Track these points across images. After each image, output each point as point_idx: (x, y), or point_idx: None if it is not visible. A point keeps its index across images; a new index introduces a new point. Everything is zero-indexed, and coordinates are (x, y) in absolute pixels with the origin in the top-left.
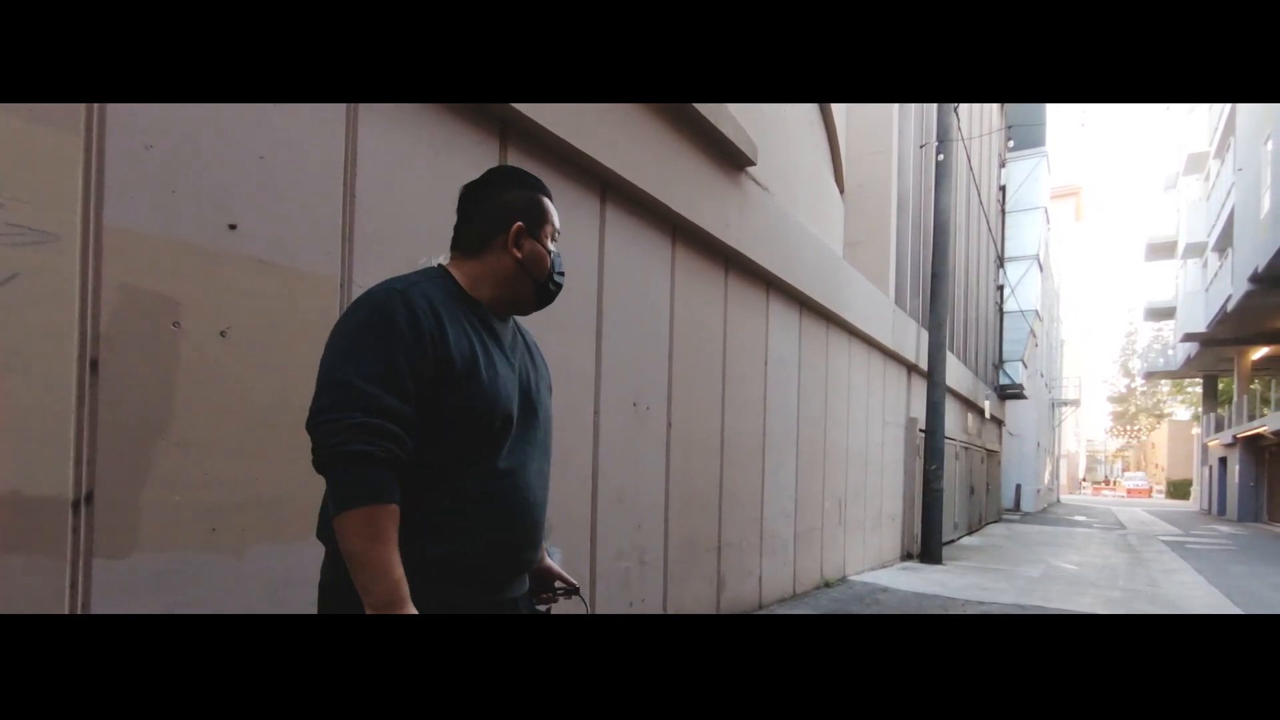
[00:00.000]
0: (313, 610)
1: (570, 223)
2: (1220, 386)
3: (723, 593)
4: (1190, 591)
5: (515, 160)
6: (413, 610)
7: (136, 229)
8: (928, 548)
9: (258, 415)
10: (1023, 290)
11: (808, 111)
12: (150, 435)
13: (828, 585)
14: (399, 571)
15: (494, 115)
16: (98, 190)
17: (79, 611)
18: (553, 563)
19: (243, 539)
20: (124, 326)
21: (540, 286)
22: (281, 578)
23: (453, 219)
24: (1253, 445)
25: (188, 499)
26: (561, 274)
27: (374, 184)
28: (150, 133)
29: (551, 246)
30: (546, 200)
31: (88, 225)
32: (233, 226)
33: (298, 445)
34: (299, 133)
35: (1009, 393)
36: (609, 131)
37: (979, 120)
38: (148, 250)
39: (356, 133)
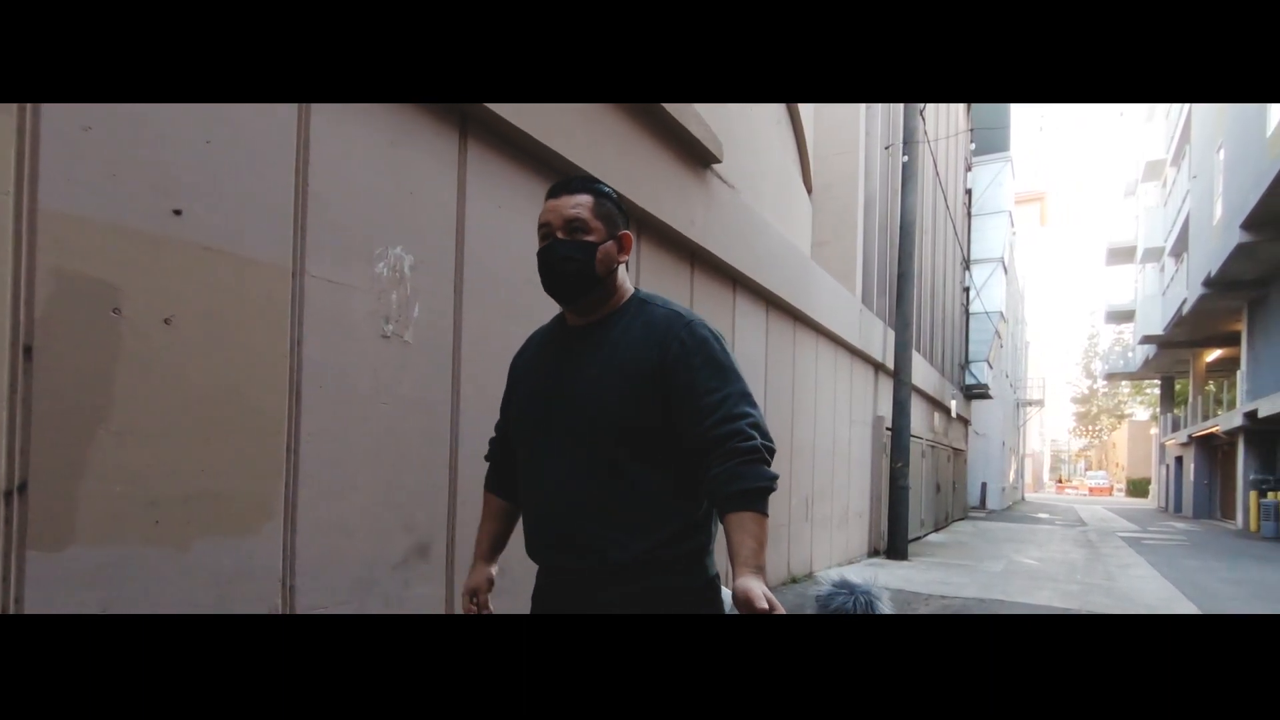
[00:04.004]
0: (262, 605)
1: (530, 217)
2: (1177, 388)
3: None
4: (1144, 585)
5: (474, 153)
6: (478, 569)
7: (73, 213)
8: (894, 544)
9: (205, 405)
10: (988, 292)
11: (775, 111)
12: (88, 424)
13: (795, 581)
14: (479, 546)
15: (454, 108)
16: (31, 172)
17: (11, 606)
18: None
19: (188, 532)
20: (60, 313)
21: (543, 281)
22: (230, 572)
23: (410, 208)
24: (1207, 444)
25: (129, 490)
26: (543, 263)
27: (328, 173)
28: (89, 114)
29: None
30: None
31: (20, 208)
32: (177, 212)
33: (247, 435)
34: (248, 118)
35: (975, 393)
36: (571, 125)
37: (945, 123)
38: (86, 235)
39: (309, 120)
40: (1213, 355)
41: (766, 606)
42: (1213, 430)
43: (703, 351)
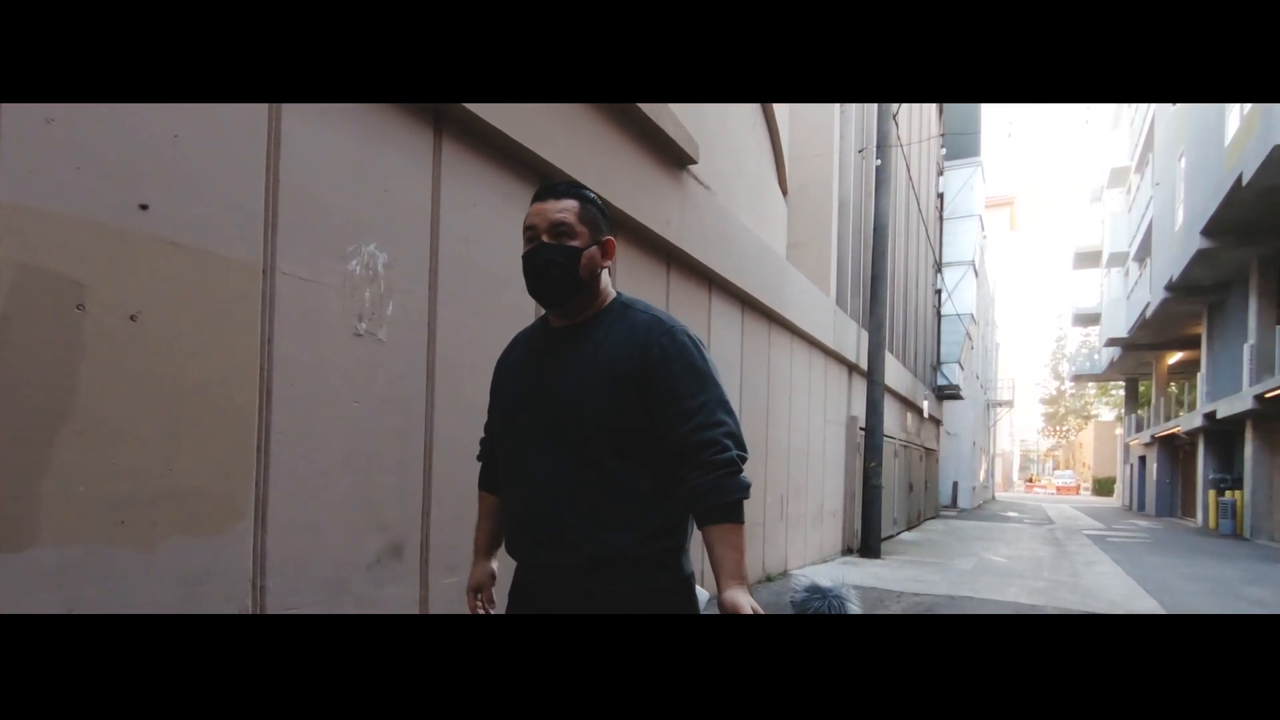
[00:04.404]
0: (232, 605)
1: (505, 216)
2: (1140, 389)
3: None
4: (1108, 581)
5: (449, 151)
6: (479, 566)
7: (36, 206)
8: (867, 542)
9: (172, 403)
10: (959, 295)
11: (750, 113)
12: (51, 422)
13: (770, 580)
14: (478, 544)
15: (429, 105)
16: None
17: None
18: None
19: (154, 532)
20: (22, 308)
21: (528, 284)
22: (197, 573)
23: (384, 206)
24: (1169, 444)
25: (93, 490)
26: (528, 266)
27: (300, 168)
28: (52, 106)
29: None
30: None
31: None
32: (144, 207)
33: (214, 434)
34: (217, 112)
35: (946, 393)
36: (547, 125)
37: (917, 128)
38: (49, 229)
39: (280, 115)
40: (1175, 358)
41: None
42: (1174, 431)
43: (683, 357)
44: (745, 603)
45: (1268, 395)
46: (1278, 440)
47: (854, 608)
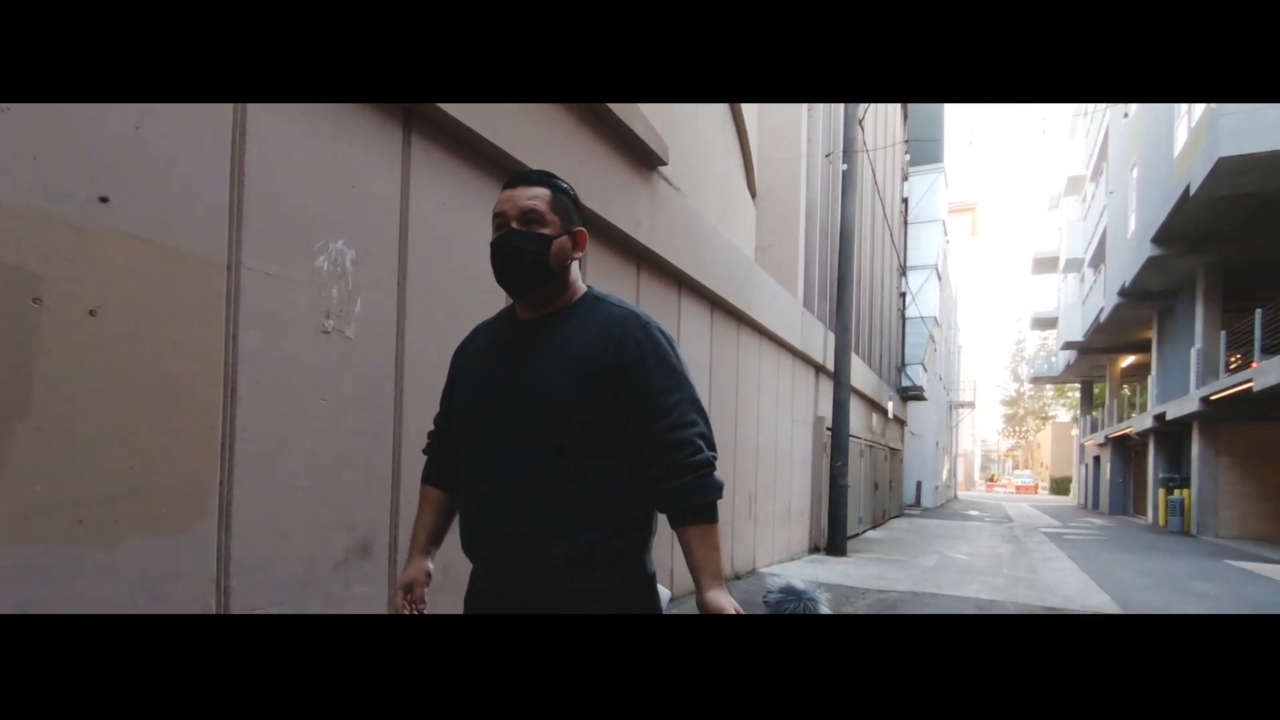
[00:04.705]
0: (196, 606)
1: (476, 214)
2: (1095, 391)
3: None
4: (1064, 578)
5: (419, 148)
6: (415, 562)
7: None
8: (833, 541)
9: (133, 400)
10: (923, 298)
11: (719, 116)
12: (6, 420)
13: (738, 578)
14: (415, 540)
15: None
16: None
17: None
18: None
19: (114, 532)
20: None
21: (495, 271)
22: (159, 573)
23: (352, 202)
24: (1122, 445)
25: (49, 489)
26: (496, 254)
27: (266, 163)
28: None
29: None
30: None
31: None
32: (104, 199)
33: (178, 432)
34: (181, 104)
35: (910, 394)
36: (518, 124)
37: (882, 134)
38: (4, 221)
39: (245, 109)
40: (1128, 361)
41: None
42: (1127, 432)
43: (658, 354)
44: (728, 603)
45: (1213, 398)
46: (1222, 441)
47: (825, 609)
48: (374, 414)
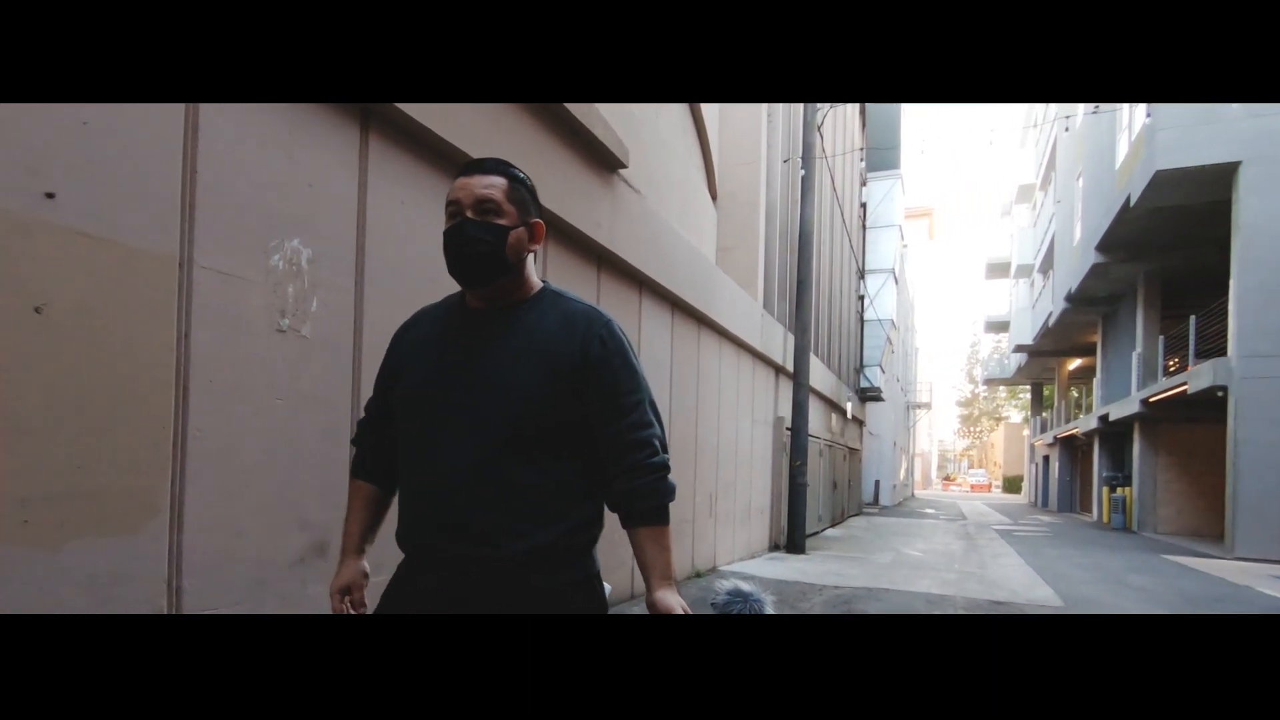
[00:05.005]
0: (146, 607)
1: (434, 213)
2: (1045, 393)
3: None
4: (1012, 573)
5: (376, 147)
6: (350, 564)
7: None
8: (793, 539)
9: (80, 398)
10: (881, 301)
11: (680, 118)
12: None
13: (699, 575)
14: (348, 539)
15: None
16: None
17: None
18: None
19: (60, 533)
20: None
21: (448, 262)
22: (108, 574)
23: (308, 200)
24: (1069, 445)
25: None
26: (450, 243)
27: (219, 159)
28: None
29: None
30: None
31: None
32: (50, 195)
33: (127, 431)
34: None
35: (869, 395)
36: (476, 125)
37: (841, 140)
38: None
39: (198, 105)
40: (1075, 364)
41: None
42: (1073, 432)
43: (621, 353)
44: (676, 603)
45: (1152, 399)
46: (1161, 441)
47: (770, 610)
48: (330, 413)
